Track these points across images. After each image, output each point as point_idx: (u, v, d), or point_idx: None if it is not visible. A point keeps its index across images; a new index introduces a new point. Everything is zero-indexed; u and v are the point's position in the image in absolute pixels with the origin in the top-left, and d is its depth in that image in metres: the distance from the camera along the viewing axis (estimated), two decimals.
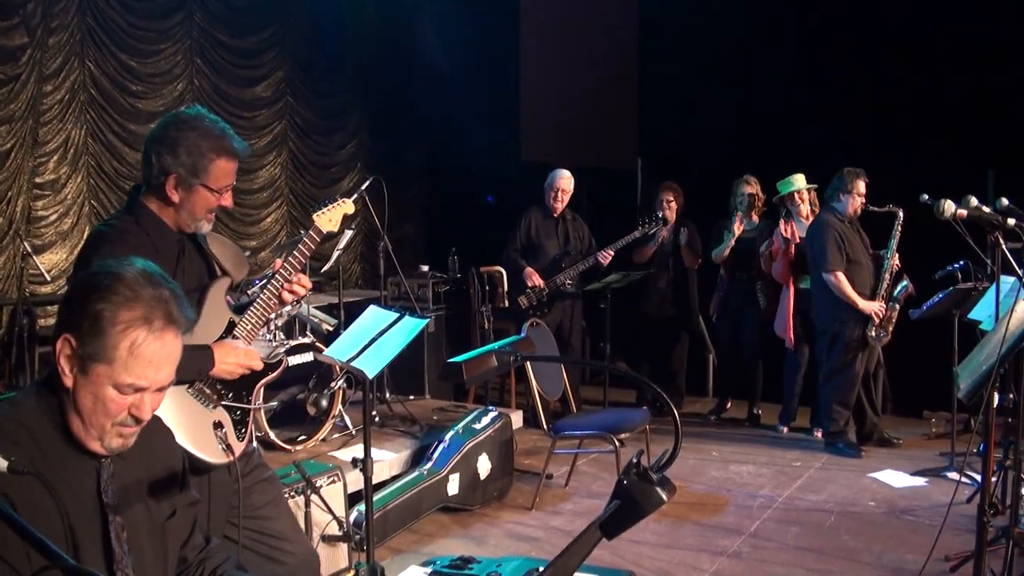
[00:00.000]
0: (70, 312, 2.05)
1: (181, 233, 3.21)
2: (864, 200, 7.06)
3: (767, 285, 8.03)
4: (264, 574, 3.14)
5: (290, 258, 3.46)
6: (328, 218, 3.68)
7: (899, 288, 7.05)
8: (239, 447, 3.18)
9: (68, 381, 2.03)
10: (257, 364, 3.25)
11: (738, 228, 7.90)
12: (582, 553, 1.73)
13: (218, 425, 3.10)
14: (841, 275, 7.01)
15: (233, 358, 3.16)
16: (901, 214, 6.95)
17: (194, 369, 3.07)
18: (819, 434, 7.68)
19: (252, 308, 3.33)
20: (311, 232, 3.57)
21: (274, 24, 9.46)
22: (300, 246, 3.52)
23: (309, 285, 3.55)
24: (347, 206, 3.77)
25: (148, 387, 2.05)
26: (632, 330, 8.89)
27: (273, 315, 3.52)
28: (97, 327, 1.99)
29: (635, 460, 1.81)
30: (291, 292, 3.40)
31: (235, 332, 3.26)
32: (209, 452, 3.06)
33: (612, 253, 7.94)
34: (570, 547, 1.71)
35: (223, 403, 3.21)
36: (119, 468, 2.15)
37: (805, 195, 7.72)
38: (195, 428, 3.06)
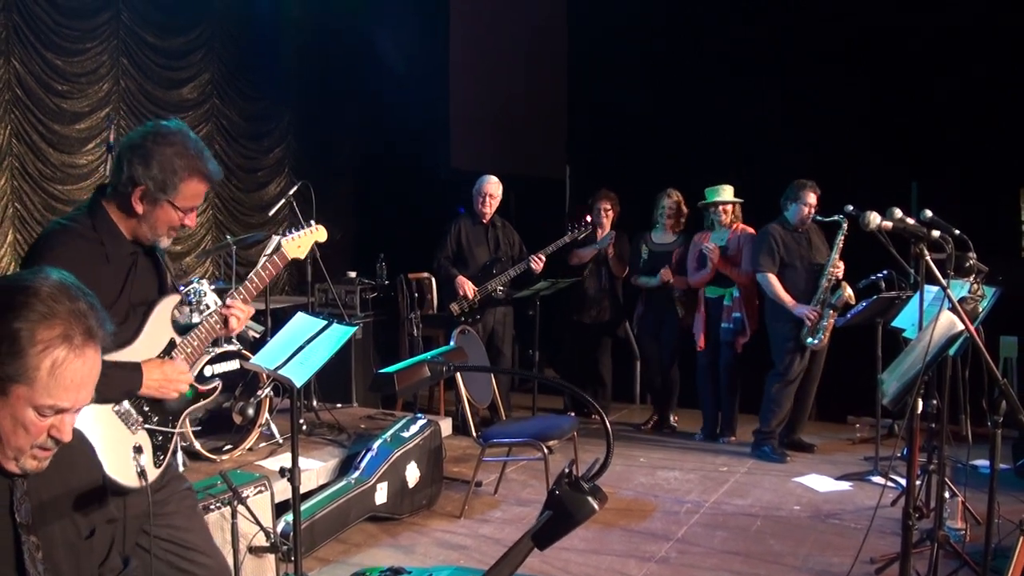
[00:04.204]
0: None
1: (137, 245, 3.10)
2: (812, 210, 7.17)
3: (684, 295, 8.13)
4: None
5: (247, 282, 3.37)
6: (297, 244, 3.59)
7: (836, 295, 7.14)
8: (154, 474, 3.07)
9: None
10: (187, 380, 3.13)
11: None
12: (514, 564, 1.72)
13: (138, 449, 2.97)
14: (771, 276, 7.20)
15: (158, 374, 3.03)
16: (845, 225, 7.04)
17: (122, 389, 2.97)
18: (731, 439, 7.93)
19: (196, 331, 3.22)
20: (274, 258, 3.47)
21: (202, 25, 9.30)
22: (260, 271, 3.43)
23: (251, 312, 3.47)
24: (319, 233, 3.70)
25: (70, 408, 1.95)
26: (562, 337, 8.92)
27: (216, 339, 3.40)
28: (15, 348, 1.85)
29: (567, 470, 1.80)
30: (237, 318, 3.32)
31: (173, 353, 3.15)
32: (124, 475, 2.94)
33: (544, 258, 7.93)
34: (502, 559, 1.70)
35: (146, 426, 3.10)
36: (36, 485, 2.05)
37: (729, 208, 7.80)
38: (114, 449, 2.94)
